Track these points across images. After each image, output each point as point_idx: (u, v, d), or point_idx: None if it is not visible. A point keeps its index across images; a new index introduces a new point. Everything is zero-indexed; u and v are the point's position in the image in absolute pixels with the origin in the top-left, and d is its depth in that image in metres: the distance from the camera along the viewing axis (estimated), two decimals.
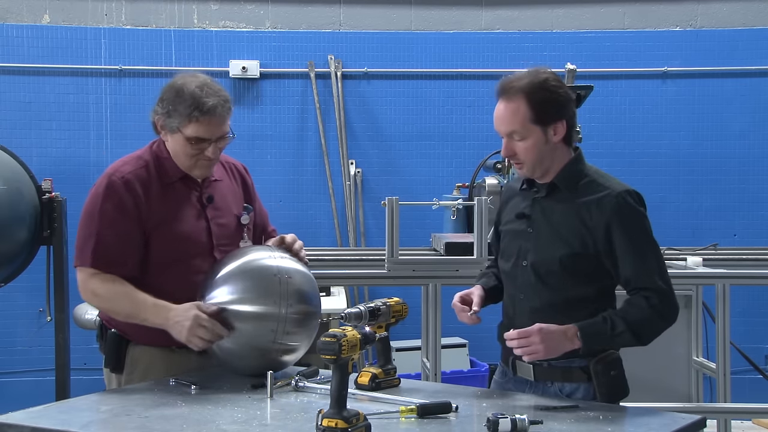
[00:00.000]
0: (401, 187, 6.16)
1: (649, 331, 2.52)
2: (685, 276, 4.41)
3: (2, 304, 5.95)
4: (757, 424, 5.69)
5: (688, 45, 6.40)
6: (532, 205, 2.64)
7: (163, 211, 2.77)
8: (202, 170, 2.82)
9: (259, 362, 2.63)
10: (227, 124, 2.81)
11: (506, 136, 2.56)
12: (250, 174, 3.08)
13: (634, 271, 2.51)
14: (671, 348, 4.85)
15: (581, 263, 2.53)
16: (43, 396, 3.84)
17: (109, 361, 2.83)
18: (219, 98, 2.75)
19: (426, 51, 6.39)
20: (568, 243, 2.54)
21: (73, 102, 6.22)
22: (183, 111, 2.72)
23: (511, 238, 2.68)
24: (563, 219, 2.57)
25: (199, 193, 2.86)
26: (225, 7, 6.35)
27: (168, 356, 2.77)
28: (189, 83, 2.75)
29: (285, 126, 6.30)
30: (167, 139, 2.81)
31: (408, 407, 2.26)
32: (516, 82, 2.54)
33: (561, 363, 2.52)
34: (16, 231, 4.63)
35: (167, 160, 2.82)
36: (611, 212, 2.51)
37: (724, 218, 6.33)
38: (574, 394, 2.54)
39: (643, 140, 6.38)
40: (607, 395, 2.51)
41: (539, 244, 2.58)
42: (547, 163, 2.58)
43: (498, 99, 2.58)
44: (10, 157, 4.79)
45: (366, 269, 4.58)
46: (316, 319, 2.73)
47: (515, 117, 2.52)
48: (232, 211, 2.92)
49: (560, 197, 2.59)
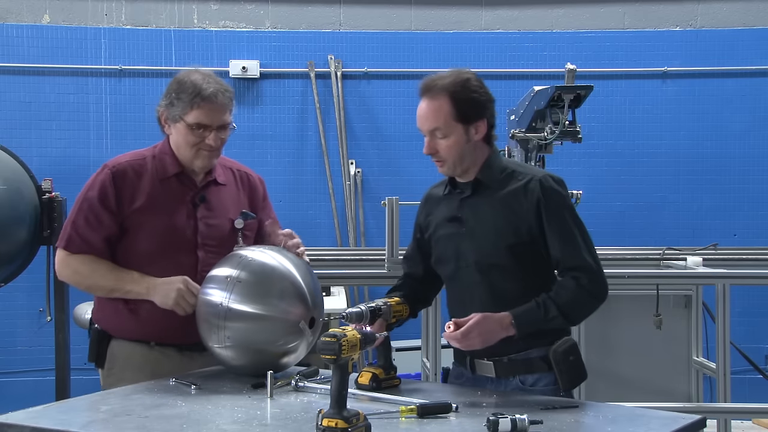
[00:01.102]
0: (401, 187, 6.15)
1: (579, 312, 2.60)
2: (685, 276, 4.41)
3: (2, 304, 5.95)
4: (757, 424, 5.70)
5: (688, 45, 6.40)
6: (460, 206, 2.66)
7: (149, 203, 2.82)
8: (203, 161, 2.85)
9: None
10: (229, 113, 2.86)
11: (429, 134, 2.61)
12: (266, 187, 3.14)
13: (563, 251, 2.56)
14: (671, 348, 4.85)
15: (520, 253, 2.57)
16: (43, 396, 3.85)
17: (91, 356, 2.91)
18: (220, 86, 2.83)
19: (426, 51, 6.39)
20: (503, 235, 2.57)
21: (73, 102, 6.22)
22: (185, 98, 2.79)
23: (445, 243, 2.69)
24: (493, 213, 2.61)
25: (194, 193, 2.89)
26: (225, 7, 6.35)
27: (145, 353, 2.82)
28: (191, 74, 2.84)
29: (285, 126, 6.31)
30: (171, 132, 2.87)
31: (408, 407, 2.26)
32: (439, 81, 2.59)
33: (520, 356, 2.57)
34: (16, 231, 4.63)
35: (168, 156, 2.87)
36: (537, 196, 2.56)
37: (724, 218, 6.33)
38: (537, 384, 2.57)
39: (642, 140, 6.38)
40: (569, 381, 2.55)
41: (476, 242, 2.61)
42: (468, 161, 2.62)
43: (421, 97, 2.62)
44: (10, 157, 4.79)
45: (366, 269, 4.58)
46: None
47: (438, 114, 2.57)
48: (227, 214, 2.93)
49: (486, 193, 2.63)
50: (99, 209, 2.80)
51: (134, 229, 2.82)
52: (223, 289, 2.64)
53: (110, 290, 2.81)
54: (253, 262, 2.69)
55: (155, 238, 2.81)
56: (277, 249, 2.79)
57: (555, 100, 4.50)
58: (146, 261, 2.80)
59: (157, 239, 2.81)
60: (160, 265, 2.79)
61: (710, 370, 4.61)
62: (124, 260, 2.82)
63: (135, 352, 2.83)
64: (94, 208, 2.81)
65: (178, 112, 2.81)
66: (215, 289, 2.66)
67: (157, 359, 2.81)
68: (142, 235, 2.81)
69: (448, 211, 2.69)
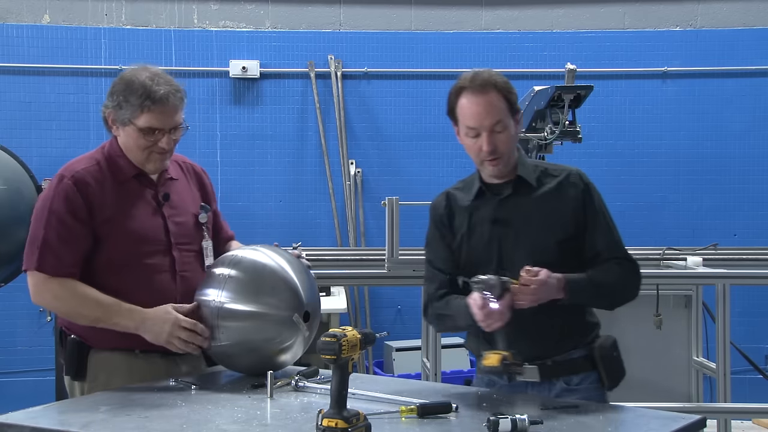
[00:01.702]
0: (401, 187, 6.15)
1: (621, 295, 2.63)
2: (685, 276, 4.41)
3: (2, 304, 5.95)
4: (757, 424, 5.69)
5: (688, 45, 6.40)
6: (500, 207, 2.62)
7: (117, 209, 2.69)
8: (155, 164, 2.75)
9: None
10: (180, 114, 2.72)
11: (490, 130, 2.53)
12: (208, 176, 3.01)
13: (607, 243, 2.59)
14: (671, 348, 4.85)
15: (567, 248, 2.56)
16: (43, 396, 3.86)
17: (70, 369, 2.73)
18: (171, 87, 2.68)
19: (426, 51, 6.39)
20: (553, 232, 2.57)
21: (73, 102, 6.22)
22: (134, 101, 2.65)
23: (484, 247, 2.62)
24: (539, 210, 2.59)
25: (155, 191, 2.78)
26: (225, 7, 6.35)
27: (131, 361, 2.69)
28: (139, 74, 2.69)
29: (285, 126, 6.30)
30: (119, 134, 2.74)
31: (408, 407, 2.26)
32: (479, 78, 2.55)
33: (564, 357, 2.55)
34: (16, 231, 4.63)
35: (120, 158, 2.74)
36: (578, 190, 2.59)
37: (724, 218, 6.33)
38: (582, 383, 2.56)
39: (642, 140, 6.38)
40: (613, 378, 2.57)
41: (525, 241, 2.57)
42: (514, 157, 2.62)
43: (461, 97, 2.55)
44: (10, 157, 4.80)
45: (366, 269, 4.58)
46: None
47: (498, 108, 2.54)
48: (189, 210, 2.84)
49: (526, 191, 2.61)
50: (71, 222, 2.63)
51: (105, 238, 2.66)
52: (216, 288, 2.64)
53: (95, 320, 2.63)
54: (245, 260, 2.69)
55: (129, 245, 2.68)
56: (270, 247, 2.79)
57: (555, 100, 4.50)
58: (122, 269, 2.67)
59: (131, 246, 2.68)
60: (137, 271, 2.67)
61: (710, 370, 4.61)
62: (99, 271, 2.66)
63: (119, 361, 2.68)
64: (65, 222, 2.63)
65: (128, 115, 2.67)
66: (207, 288, 2.66)
67: (143, 367, 2.69)
68: (114, 244, 2.67)
69: (486, 214, 2.63)
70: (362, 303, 6.28)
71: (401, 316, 6.31)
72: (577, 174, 2.63)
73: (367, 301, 6.29)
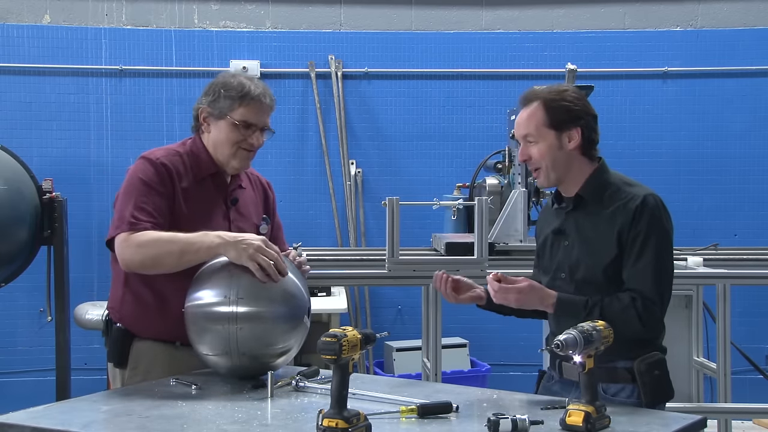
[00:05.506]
0: (401, 187, 6.16)
1: (620, 329, 2.39)
2: (685, 276, 4.40)
3: (2, 304, 5.95)
4: (757, 424, 5.70)
5: (688, 45, 6.40)
6: (565, 219, 2.70)
7: (191, 201, 2.79)
8: (241, 161, 2.86)
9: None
10: (269, 116, 2.91)
11: (522, 140, 2.67)
12: (273, 190, 3.12)
13: (631, 272, 2.56)
14: (671, 348, 4.80)
15: (613, 272, 2.58)
16: (43, 396, 3.85)
17: (113, 356, 2.83)
18: (266, 89, 2.90)
19: (426, 51, 6.39)
20: (601, 254, 2.58)
21: (73, 102, 6.22)
22: (233, 95, 2.82)
23: (549, 253, 2.75)
24: (594, 231, 2.62)
25: (225, 194, 2.88)
26: (225, 7, 6.35)
27: (172, 353, 2.77)
28: (236, 75, 2.91)
29: (285, 126, 6.30)
30: (210, 129, 2.85)
31: (408, 407, 2.26)
32: (536, 91, 2.68)
33: (605, 363, 2.48)
34: (16, 231, 4.63)
35: (203, 154, 2.85)
36: (632, 214, 2.56)
37: (724, 218, 6.33)
38: (619, 394, 2.56)
39: (643, 140, 6.38)
40: (651, 395, 2.54)
41: (574, 257, 2.63)
42: (562, 171, 2.65)
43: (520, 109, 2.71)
44: (11, 157, 4.79)
45: (366, 269, 4.57)
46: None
47: (531, 120, 2.64)
48: (252, 219, 2.95)
49: (589, 209, 2.65)
50: (156, 186, 2.71)
51: (174, 225, 2.72)
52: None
53: (180, 253, 2.63)
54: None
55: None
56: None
57: None
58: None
59: None
60: (194, 268, 2.68)
61: (711, 370, 4.61)
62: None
63: (161, 352, 2.77)
64: (150, 185, 2.71)
65: (225, 108, 2.82)
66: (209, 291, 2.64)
67: (182, 360, 2.74)
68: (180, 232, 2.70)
69: (554, 223, 2.74)
70: (362, 303, 6.29)
71: (401, 316, 6.31)
72: (639, 197, 2.58)
73: (368, 301, 6.29)
